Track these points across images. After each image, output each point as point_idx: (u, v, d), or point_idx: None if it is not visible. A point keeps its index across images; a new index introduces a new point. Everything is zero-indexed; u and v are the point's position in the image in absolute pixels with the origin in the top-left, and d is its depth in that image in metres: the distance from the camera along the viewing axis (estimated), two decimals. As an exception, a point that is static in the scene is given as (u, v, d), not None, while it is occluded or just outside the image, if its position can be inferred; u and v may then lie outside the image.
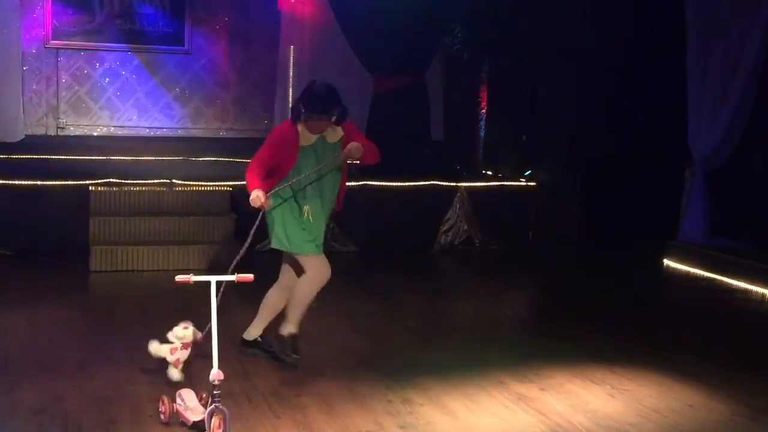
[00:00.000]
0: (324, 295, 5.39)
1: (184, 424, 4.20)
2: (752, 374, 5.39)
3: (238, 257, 4.76)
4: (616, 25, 9.77)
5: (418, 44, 10.26)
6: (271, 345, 5.33)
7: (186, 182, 8.61)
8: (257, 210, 4.94)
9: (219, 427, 3.94)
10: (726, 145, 8.73)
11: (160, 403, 4.29)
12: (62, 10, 11.35)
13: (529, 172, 10.13)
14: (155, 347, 4.84)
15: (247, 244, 4.87)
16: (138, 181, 8.45)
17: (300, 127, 5.08)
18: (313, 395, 4.76)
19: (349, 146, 5.03)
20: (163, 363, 4.83)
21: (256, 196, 4.83)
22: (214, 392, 4.02)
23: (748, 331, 6.68)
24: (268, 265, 5.49)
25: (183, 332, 4.76)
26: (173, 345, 4.77)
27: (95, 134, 11.64)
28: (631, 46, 9.90)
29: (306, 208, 5.12)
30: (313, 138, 5.11)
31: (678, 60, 8.98)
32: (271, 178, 5.03)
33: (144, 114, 11.81)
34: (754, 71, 8.37)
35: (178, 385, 4.58)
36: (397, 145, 9.96)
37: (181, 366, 4.80)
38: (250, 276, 4.33)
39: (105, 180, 8.38)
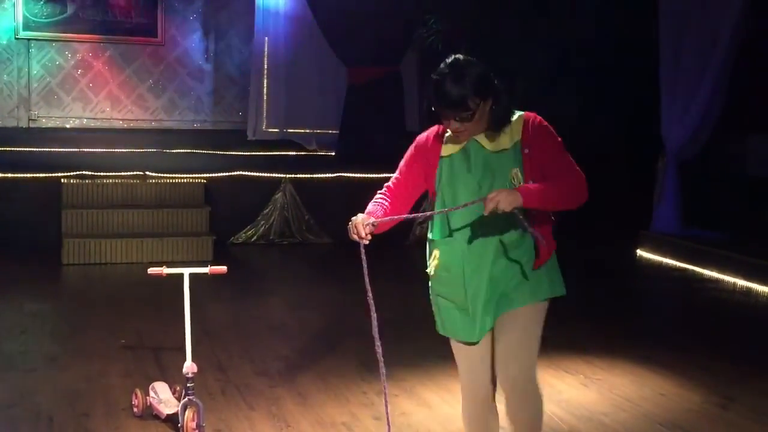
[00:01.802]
0: (298, 286, 5.37)
1: (157, 417, 4.18)
2: (723, 363, 5.44)
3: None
4: (590, 18, 9.81)
5: (392, 35, 10.25)
6: None
7: (160, 174, 8.57)
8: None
9: (192, 420, 3.92)
10: (698, 135, 8.80)
11: (133, 396, 4.26)
12: (33, 1, 11.22)
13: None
14: None
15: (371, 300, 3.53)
16: (111, 174, 8.40)
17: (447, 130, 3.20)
18: (287, 387, 4.75)
19: (494, 194, 2.91)
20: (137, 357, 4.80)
21: (351, 223, 3.19)
22: (188, 385, 4.00)
23: (719, 320, 6.74)
24: (241, 257, 5.48)
25: None
26: None
27: (67, 126, 11.53)
28: (606, 38, 9.94)
29: (435, 252, 3.27)
30: (460, 145, 3.18)
31: (651, 51, 9.03)
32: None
33: (117, 105, 11.72)
34: (725, 63, 8.44)
35: (151, 378, 4.55)
36: (372, 136, 9.98)
37: None
38: (223, 268, 4.31)
39: (77, 172, 8.32)
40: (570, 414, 4.50)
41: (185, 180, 8.57)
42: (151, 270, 4.23)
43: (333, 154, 10.57)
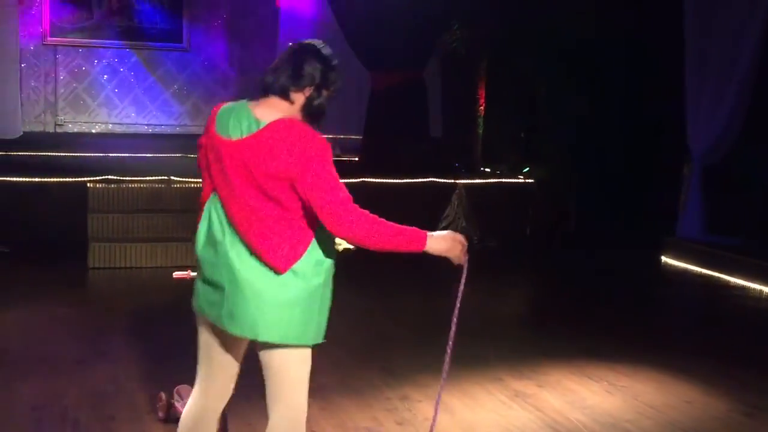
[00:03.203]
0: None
1: (182, 420, 4.20)
2: (750, 371, 5.40)
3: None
4: (614, 21, 9.76)
5: (416, 41, 10.26)
6: None
7: (184, 179, 8.61)
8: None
9: (217, 423, 3.93)
10: (724, 141, 8.74)
11: (158, 399, 4.29)
12: (60, 7, 11.35)
13: (527, 169, 10.14)
14: None
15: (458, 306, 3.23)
16: (136, 178, 8.45)
17: None
18: (311, 392, 4.71)
19: None
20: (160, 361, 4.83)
21: (461, 244, 2.95)
22: (212, 389, 4.02)
23: (745, 327, 6.69)
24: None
25: None
26: None
27: (93, 131, 11.65)
28: (630, 42, 9.90)
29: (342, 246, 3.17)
30: None
31: (677, 56, 8.98)
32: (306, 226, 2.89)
33: (142, 111, 11.83)
34: (751, 69, 8.39)
35: (175, 382, 4.58)
36: (396, 142, 9.99)
37: None
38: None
39: (103, 177, 8.38)
40: (594, 421, 4.48)
41: (210, 185, 8.61)
42: (177, 274, 4.25)
43: (357, 159, 10.59)
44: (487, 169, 10.45)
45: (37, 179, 8.28)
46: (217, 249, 2.90)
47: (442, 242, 2.90)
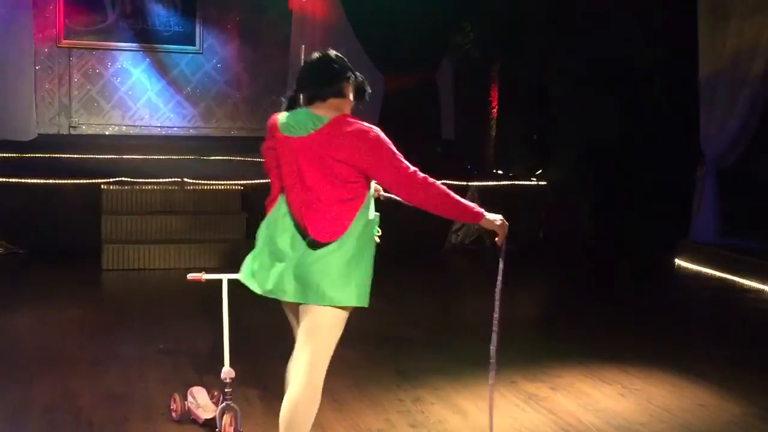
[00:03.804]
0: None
1: (195, 421, 4.22)
2: (764, 374, 5.38)
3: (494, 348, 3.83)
4: (627, 24, 9.74)
5: (428, 43, 10.28)
6: None
7: (197, 181, 8.64)
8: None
9: (230, 425, 3.95)
10: (738, 144, 8.72)
11: (172, 400, 4.31)
12: (75, 10, 11.39)
13: (540, 171, 10.12)
14: None
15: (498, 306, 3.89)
16: (149, 180, 8.49)
17: None
18: (323, 394, 4.74)
19: None
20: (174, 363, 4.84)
21: (503, 222, 3.66)
22: (226, 390, 4.04)
23: (759, 330, 6.66)
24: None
25: None
26: None
27: (107, 133, 11.69)
28: (643, 44, 9.87)
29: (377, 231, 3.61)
30: None
31: (690, 59, 8.95)
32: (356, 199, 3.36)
33: (155, 113, 11.86)
34: (765, 72, 8.34)
35: (189, 383, 4.59)
36: (408, 145, 9.98)
37: None
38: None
39: (117, 179, 8.42)
40: (607, 424, 4.46)
41: (222, 187, 8.64)
42: (190, 276, 4.27)
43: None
44: (500, 171, 10.43)
45: (50, 181, 8.33)
46: (278, 234, 3.39)
47: (495, 220, 3.57)
